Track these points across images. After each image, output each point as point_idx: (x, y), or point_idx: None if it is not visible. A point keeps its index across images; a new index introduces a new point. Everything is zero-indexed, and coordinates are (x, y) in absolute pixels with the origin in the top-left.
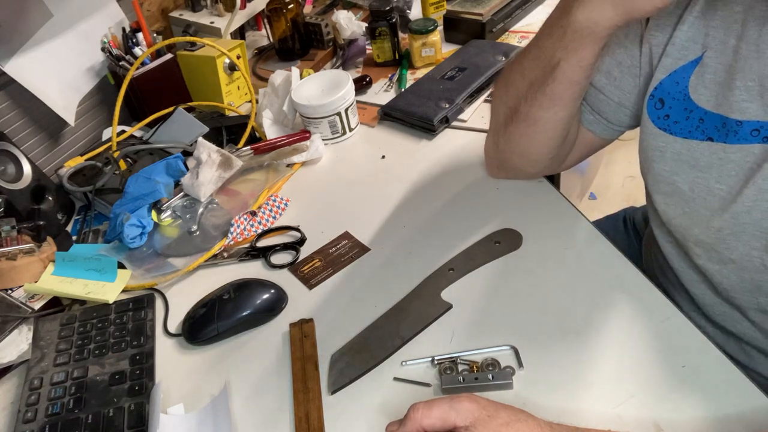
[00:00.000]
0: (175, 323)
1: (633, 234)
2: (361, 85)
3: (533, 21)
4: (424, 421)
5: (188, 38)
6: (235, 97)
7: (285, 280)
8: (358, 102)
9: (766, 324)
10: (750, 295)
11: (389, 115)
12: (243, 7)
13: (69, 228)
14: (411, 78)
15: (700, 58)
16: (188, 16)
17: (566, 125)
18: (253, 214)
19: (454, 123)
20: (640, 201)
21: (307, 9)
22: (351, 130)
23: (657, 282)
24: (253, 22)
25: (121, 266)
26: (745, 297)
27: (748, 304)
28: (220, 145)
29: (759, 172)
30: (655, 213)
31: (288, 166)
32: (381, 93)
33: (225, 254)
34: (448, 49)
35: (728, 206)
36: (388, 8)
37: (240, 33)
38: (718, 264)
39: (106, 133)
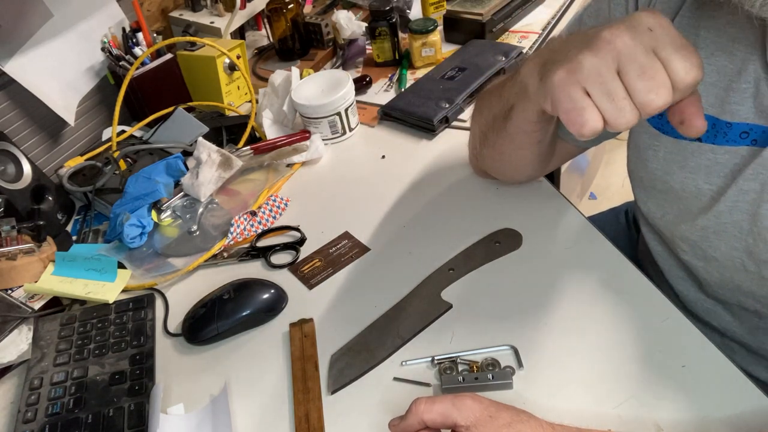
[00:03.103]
0: (175, 323)
1: (633, 227)
2: (361, 85)
3: (533, 21)
4: (425, 416)
5: (188, 38)
6: (235, 97)
7: (285, 280)
8: (358, 102)
9: (748, 320)
10: (731, 293)
11: (389, 115)
12: (243, 7)
13: (69, 228)
14: (411, 78)
15: None
16: (188, 16)
17: (534, 158)
18: (253, 214)
19: (454, 123)
20: None
21: (307, 9)
22: (351, 130)
23: (650, 277)
24: (253, 22)
25: (121, 266)
26: (727, 294)
27: (730, 301)
28: (220, 145)
29: (742, 173)
30: (641, 210)
31: (288, 166)
32: (381, 93)
33: (225, 254)
34: (448, 49)
35: (712, 205)
36: (388, 8)
37: (240, 33)
38: (702, 261)
39: (106, 133)
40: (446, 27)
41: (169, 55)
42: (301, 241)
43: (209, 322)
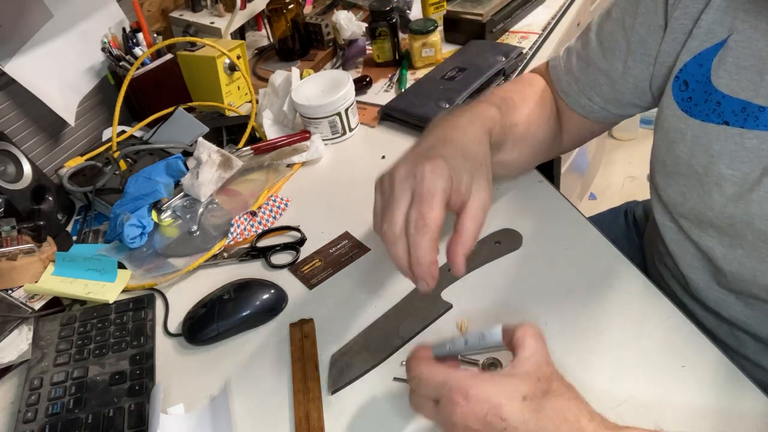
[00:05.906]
0: (175, 323)
1: (633, 228)
2: (361, 85)
3: (533, 21)
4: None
5: (188, 38)
6: (235, 97)
7: (285, 280)
8: (358, 102)
9: (761, 310)
10: (750, 284)
11: (389, 116)
12: (243, 7)
13: (69, 228)
14: (411, 78)
15: (725, 41)
16: (188, 16)
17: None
18: (253, 214)
19: None
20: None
21: (307, 9)
22: (351, 130)
23: (656, 275)
24: (253, 22)
25: (121, 266)
26: (744, 285)
27: (745, 291)
28: (220, 145)
29: None
30: (659, 198)
31: (288, 166)
32: (381, 93)
33: (225, 254)
34: (448, 50)
35: (744, 194)
36: (388, 8)
37: (240, 33)
38: (727, 248)
39: (106, 133)
40: (446, 27)
41: (169, 56)
42: (301, 241)
43: (209, 323)
